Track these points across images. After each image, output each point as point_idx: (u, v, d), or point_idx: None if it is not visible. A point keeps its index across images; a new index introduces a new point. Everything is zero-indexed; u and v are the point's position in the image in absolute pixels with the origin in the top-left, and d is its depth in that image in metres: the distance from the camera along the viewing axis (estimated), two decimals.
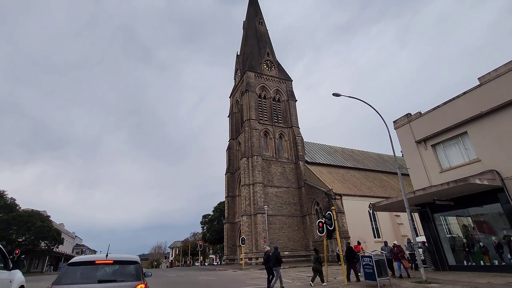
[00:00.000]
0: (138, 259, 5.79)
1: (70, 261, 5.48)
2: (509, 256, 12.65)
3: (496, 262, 12.98)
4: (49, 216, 44.18)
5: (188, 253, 71.37)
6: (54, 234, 40.46)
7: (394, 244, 15.30)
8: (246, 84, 41.24)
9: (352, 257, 13.60)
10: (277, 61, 46.82)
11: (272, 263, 11.69)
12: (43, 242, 39.99)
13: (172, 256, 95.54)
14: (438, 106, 15.96)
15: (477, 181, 12.08)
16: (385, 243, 16.66)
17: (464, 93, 14.65)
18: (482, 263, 13.51)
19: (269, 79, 43.56)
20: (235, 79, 48.96)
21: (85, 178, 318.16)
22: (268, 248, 13.53)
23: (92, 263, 5.45)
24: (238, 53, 49.61)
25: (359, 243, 19.67)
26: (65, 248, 59.61)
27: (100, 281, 5.03)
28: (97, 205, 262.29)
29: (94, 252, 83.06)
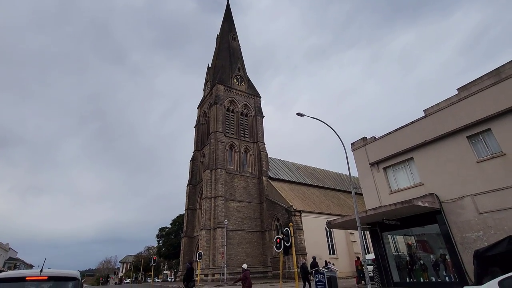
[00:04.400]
0: (78, 274, 5.31)
1: None
2: (444, 273, 13.90)
3: (434, 279, 14.17)
4: None
5: (141, 268, 66.90)
6: None
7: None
8: (215, 97, 41.31)
9: (307, 273, 13.97)
10: (247, 76, 47.82)
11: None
12: None
13: (122, 271, 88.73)
14: (390, 133, 17.45)
15: (419, 203, 13.28)
16: (314, 258, 17.78)
17: (412, 122, 16.25)
18: (422, 279, 14.63)
19: (238, 93, 44.16)
20: (204, 90, 48.86)
21: (30, 184, 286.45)
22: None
23: (22, 279, 4.84)
24: (210, 65, 49.84)
25: (314, 258, 20.23)
26: None
27: None
28: (41, 215, 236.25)
29: (31, 267, 73.92)
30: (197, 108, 48.56)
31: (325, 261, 17.74)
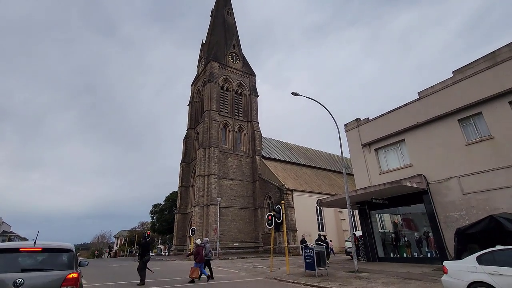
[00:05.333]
0: (72, 247, 5.37)
1: None
2: (426, 249, 14.64)
3: (416, 255, 14.93)
4: None
5: (135, 243, 68.37)
6: None
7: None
8: (209, 74, 40.48)
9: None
10: (243, 54, 46.69)
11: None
12: None
13: (117, 245, 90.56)
14: (383, 114, 17.56)
15: (408, 184, 13.67)
16: (319, 235, 18.73)
17: (405, 104, 16.34)
18: (405, 255, 15.41)
19: (233, 71, 43.31)
20: (198, 67, 47.71)
21: (21, 158, 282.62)
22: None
23: (16, 250, 4.94)
24: (204, 41, 48.33)
25: (320, 236, 20.59)
26: None
27: (24, 270, 4.61)
28: (34, 190, 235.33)
29: (25, 240, 74.91)
30: (191, 85, 47.64)
31: (323, 235, 18.85)
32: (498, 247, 6.61)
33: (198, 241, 12.44)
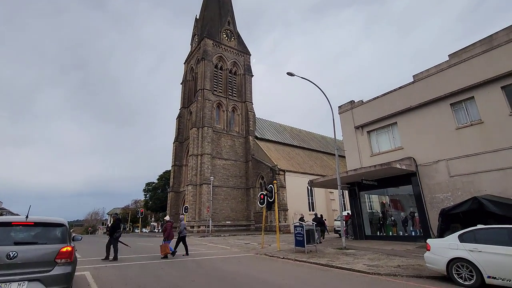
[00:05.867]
0: (65, 222, 5.35)
1: None
2: (411, 228, 15.26)
3: (401, 233, 15.56)
4: None
5: (128, 220, 69.23)
6: None
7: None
8: (203, 52, 39.39)
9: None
10: (238, 32, 45.32)
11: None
12: None
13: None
14: (377, 97, 17.56)
15: (398, 166, 13.98)
16: (319, 215, 19.32)
17: (400, 87, 16.33)
18: (391, 234, 16.04)
19: (227, 49, 42.20)
20: (191, 44, 46.26)
21: (10, 134, 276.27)
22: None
23: (8, 224, 4.87)
24: (197, 17, 46.58)
25: (318, 215, 21.60)
26: None
27: (17, 243, 4.58)
28: (25, 167, 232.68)
29: (17, 216, 74.81)
30: (184, 63, 46.44)
31: (320, 215, 20.09)
32: (479, 226, 6.93)
33: (167, 218, 12.32)
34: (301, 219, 17.38)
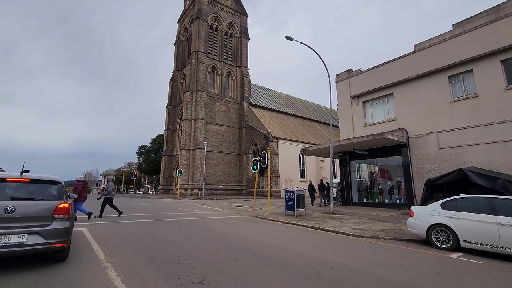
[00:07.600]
0: (60, 179, 5.34)
1: None
2: (396, 197, 15.97)
3: (387, 201, 16.31)
4: None
5: (122, 181, 70.29)
6: None
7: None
8: (197, 10, 37.15)
9: (313, 191, 19.62)
10: None
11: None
12: None
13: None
14: (376, 66, 17.24)
15: (389, 137, 14.20)
16: (321, 180, 20.83)
17: (400, 57, 16.00)
18: (377, 201, 16.80)
19: (223, 9, 39.89)
20: (185, 1, 43.44)
21: None
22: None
23: (2, 180, 4.79)
24: None
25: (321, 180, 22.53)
26: None
27: (13, 199, 4.57)
28: (11, 125, 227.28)
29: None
30: (177, 22, 43.99)
31: (326, 182, 21.06)
32: (461, 195, 7.29)
33: (80, 176, 11.10)
34: (310, 185, 20.07)
